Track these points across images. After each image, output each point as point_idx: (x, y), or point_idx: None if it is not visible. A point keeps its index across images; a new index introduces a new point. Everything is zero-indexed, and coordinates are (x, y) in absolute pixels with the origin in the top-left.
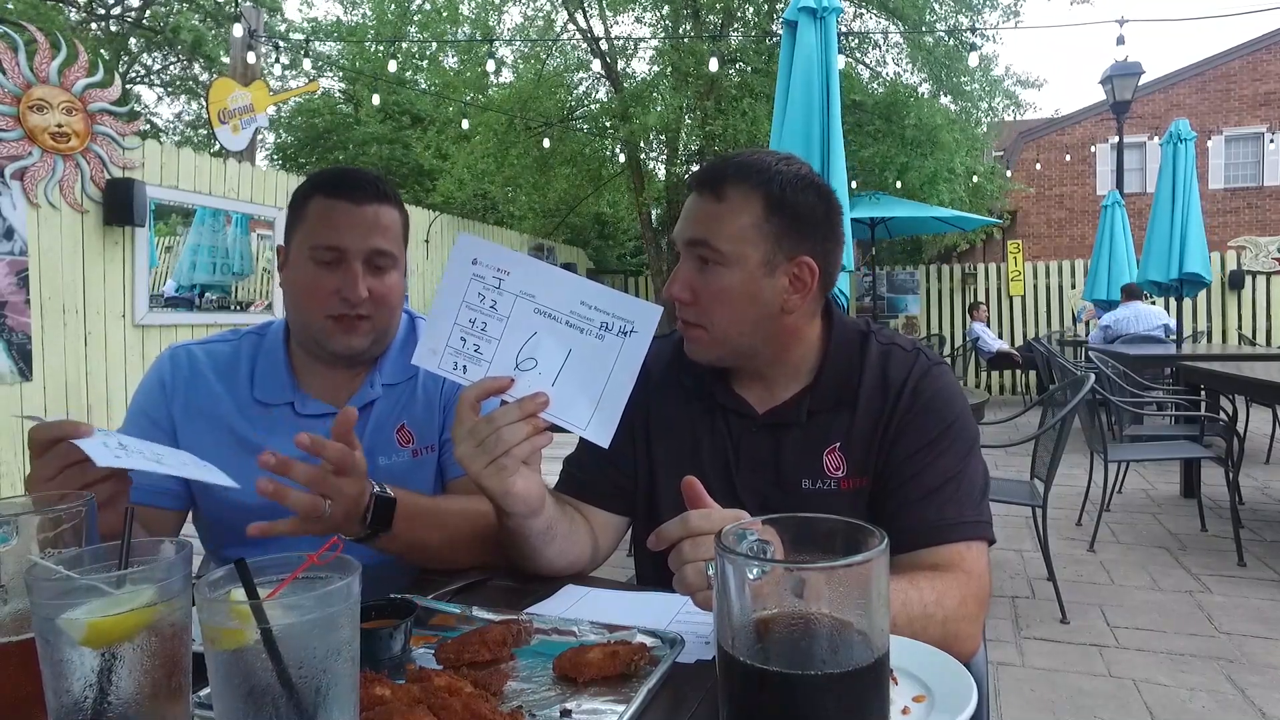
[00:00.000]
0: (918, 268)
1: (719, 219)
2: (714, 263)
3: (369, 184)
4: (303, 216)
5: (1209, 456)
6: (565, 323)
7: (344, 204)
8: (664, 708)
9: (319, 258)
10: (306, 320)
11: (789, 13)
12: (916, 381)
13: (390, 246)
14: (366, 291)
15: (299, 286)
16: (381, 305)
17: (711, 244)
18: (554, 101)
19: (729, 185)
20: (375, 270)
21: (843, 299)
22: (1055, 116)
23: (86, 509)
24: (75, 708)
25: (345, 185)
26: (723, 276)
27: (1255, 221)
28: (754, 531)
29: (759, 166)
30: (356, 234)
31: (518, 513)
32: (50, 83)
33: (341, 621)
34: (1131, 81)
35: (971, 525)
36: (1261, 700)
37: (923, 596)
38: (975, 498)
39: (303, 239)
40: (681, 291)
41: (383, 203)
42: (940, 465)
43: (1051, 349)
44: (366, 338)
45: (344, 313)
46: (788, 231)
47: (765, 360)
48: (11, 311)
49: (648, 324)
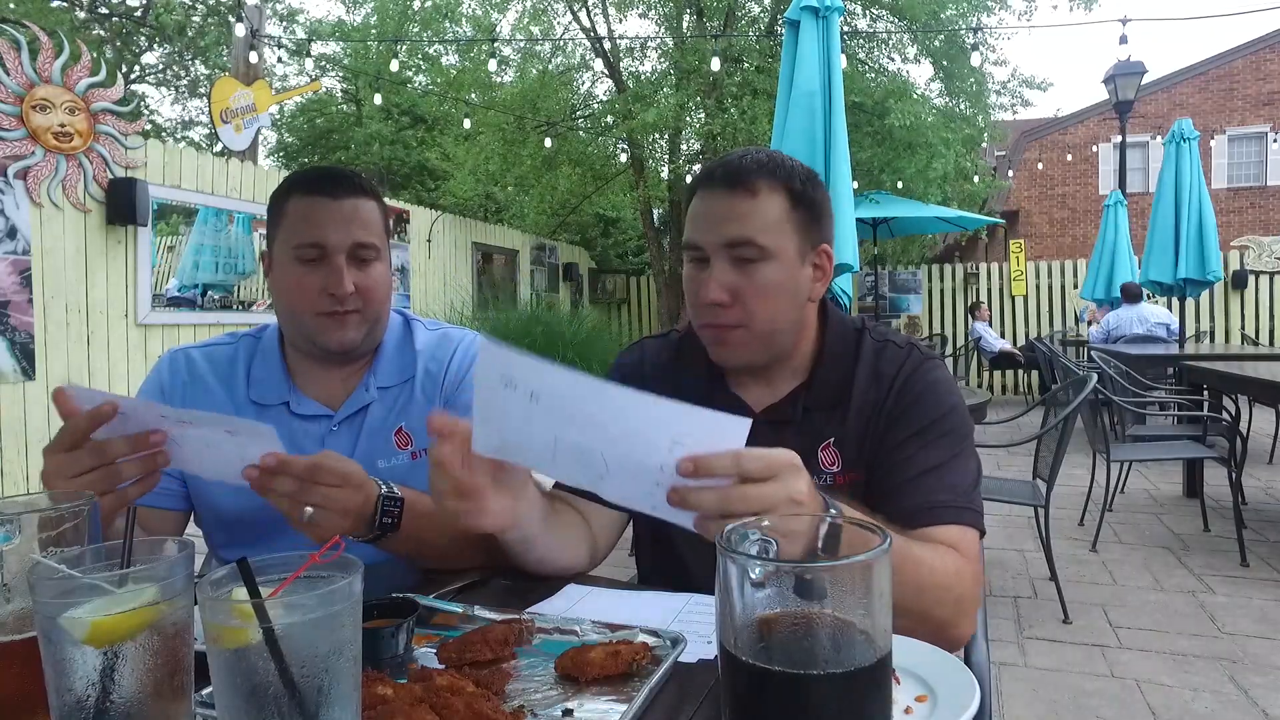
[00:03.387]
0: (920, 267)
1: (756, 214)
2: (756, 260)
3: (345, 179)
4: (282, 218)
5: (1212, 456)
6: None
7: (322, 200)
8: (666, 707)
9: (302, 256)
10: (297, 320)
11: (791, 12)
12: (908, 375)
13: (372, 238)
14: (352, 286)
15: (286, 288)
16: (369, 297)
17: (756, 241)
18: (556, 101)
19: (759, 180)
20: (359, 263)
21: (844, 299)
22: (1057, 116)
23: (89, 508)
24: (78, 706)
25: (321, 182)
26: (767, 272)
27: (1258, 221)
28: (756, 530)
29: (776, 161)
30: (337, 229)
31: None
32: (53, 82)
33: (343, 620)
34: (1134, 81)
35: (964, 510)
36: (1265, 701)
37: (945, 566)
38: (966, 487)
39: (284, 240)
40: (721, 294)
41: (360, 196)
42: (929, 454)
43: (1054, 349)
44: (359, 330)
45: (333, 310)
46: (809, 222)
47: (781, 354)
48: (14, 311)
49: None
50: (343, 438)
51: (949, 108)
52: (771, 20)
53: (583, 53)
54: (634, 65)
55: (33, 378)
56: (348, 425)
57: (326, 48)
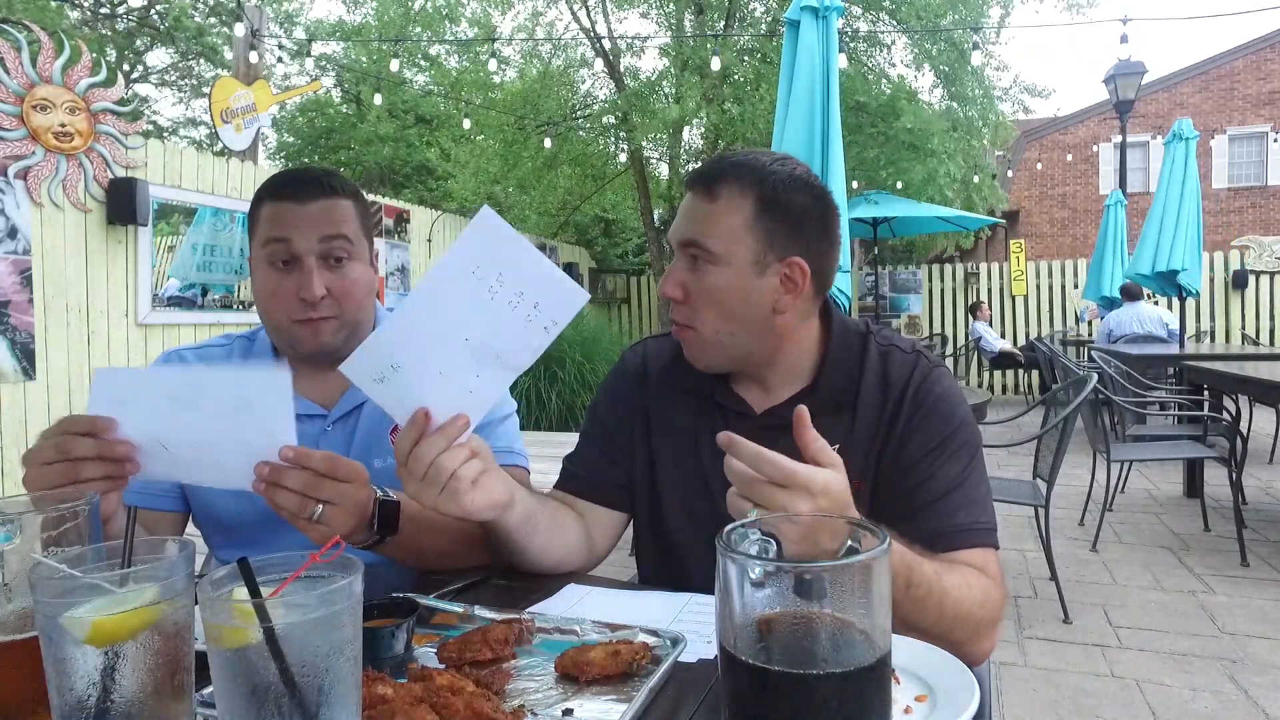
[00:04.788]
0: (920, 267)
1: (711, 218)
2: (704, 262)
3: (314, 181)
4: (256, 223)
5: (1212, 456)
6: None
7: (289, 204)
8: (666, 707)
9: (273, 258)
10: (275, 326)
11: (790, 12)
12: (918, 385)
13: (344, 236)
14: (324, 290)
15: (263, 294)
16: (345, 300)
17: (701, 243)
18: (556, 100)
19: (722, 184)
20: (333, 265)
21: (844, 299)
22: (1058, 116)
23: (89, 507)
24: (79, 705)
25: (290, 186)
26: (712, 276)
27: (1259, 221)
28: (756, 530)
29: (753, 166)
30: (305, 231)
31: (489, 518)
32: (54, 82)
33: (344, 620)
34: (1135, 80)
35: (986, 531)
36: (1265, 700)
37: (974, 596)
38: (985, 502)
39: (258, 245)
40: (674, 290)
41: (331, 196)
42: (950, 469)
43: (1054, 348)
44: (335, 336)
45: (307, 316)
46: (780, 231)
47: (759, 361)
48: (15, 310)
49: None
50: (337, 437)
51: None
52: (773, 20)
53: (583, 51)
54: (634, 63)
55: (33, 377)
56: (342, 424)
57: (327, 47)
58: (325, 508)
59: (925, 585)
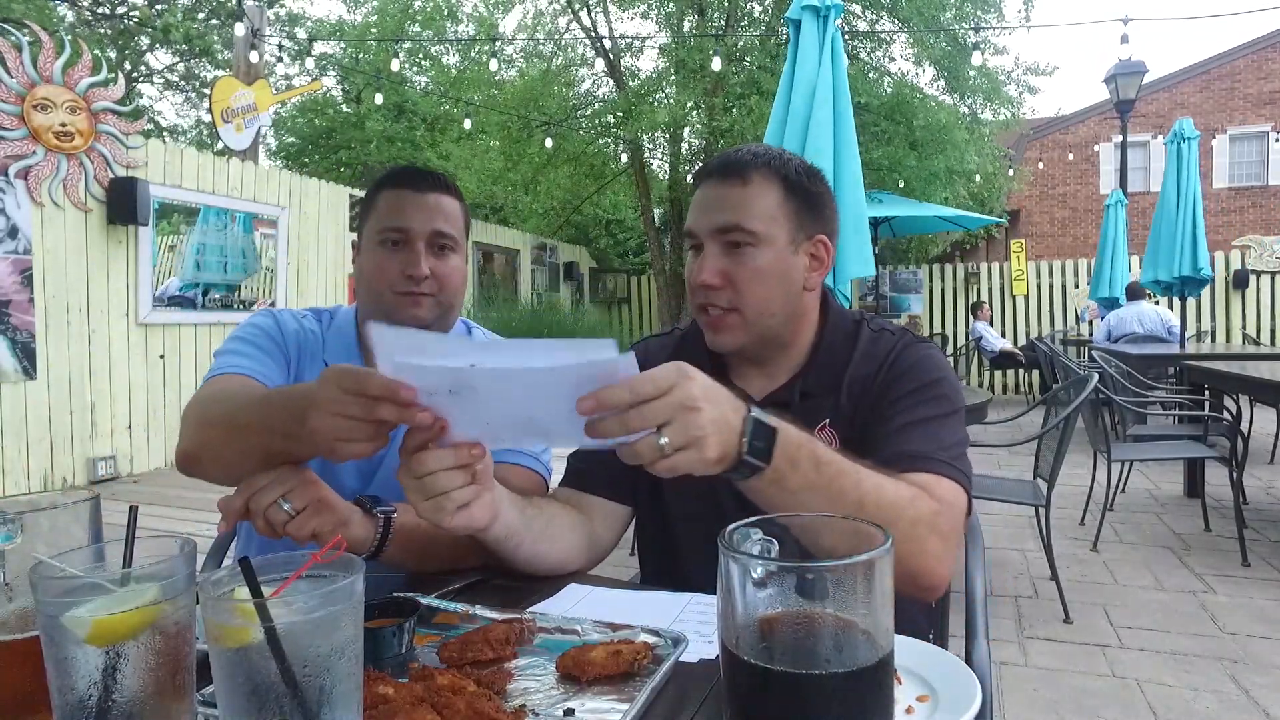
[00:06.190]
0: (921, 267)
1: (747, 202)
2: (747, 245)
3: (431, 176)
4: (373, 208)
5: (1213, 456)
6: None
7: (408, 192)
8: (667, 707)
9: (386, 239)
10: (376, 298)
11: (791, 11)
12: (899, 353)
13: (452, 230)
14: (428, 270)
15: (369, 269)
16: (445, 284)
17: (744, 226)
18: (557, 99)
19: (751, 170)
20: (438, 251)
21: (844, 299)
22: (1058, 115)
23: (90, 507)
24: (80, 705)
25: (410, 177)
26: (757, 257)
27: (1260, 221)
28: (758, 530)
29: (770, 154)
30: (419, 217)
31: (465, 533)
32: (54, 82)
33: (345, 620)
34: (1135, 80)
35: (942, 463)
36: (1266, 701)
37: (899, 490)
38: (950, 443)
39: (372, 227)
40: (713, 277)
41: (444, 193)
42: (919, 411)
43: (1054, 348)
44: (431, 312)
45: (409, 290)
46: (803, 211)
47: (781, 343)
48: (15, 310)
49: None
50: None
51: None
52: (772, 21)
53: (583, 50)
54: (634, 63)
55: (33, 377)
56: None
57: (327, 47)
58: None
59: (836, 463)
